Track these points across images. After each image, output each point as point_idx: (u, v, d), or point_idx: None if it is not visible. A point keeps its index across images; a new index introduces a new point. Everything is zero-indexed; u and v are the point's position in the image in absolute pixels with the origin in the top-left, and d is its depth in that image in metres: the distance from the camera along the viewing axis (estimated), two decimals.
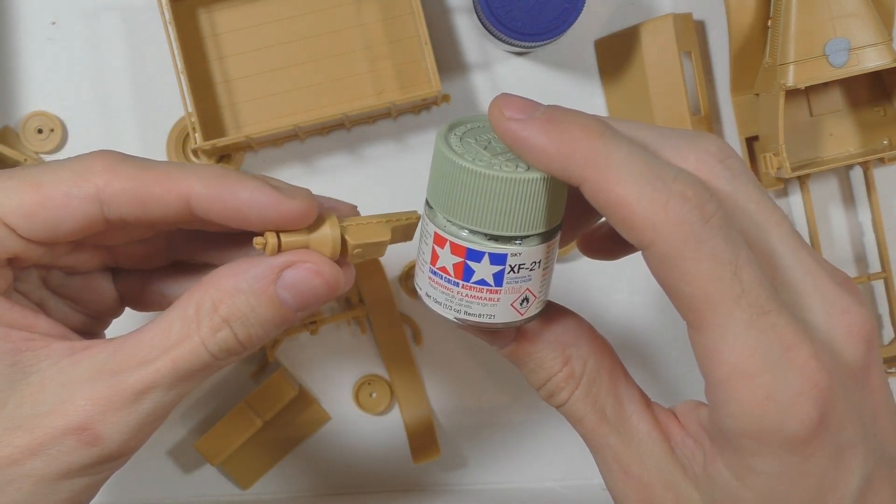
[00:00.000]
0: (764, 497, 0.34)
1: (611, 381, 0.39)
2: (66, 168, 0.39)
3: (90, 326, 0.45)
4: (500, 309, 0.37)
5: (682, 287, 0.33)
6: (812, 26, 0.55)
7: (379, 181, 0.61)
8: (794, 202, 0.62)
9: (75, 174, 0.39)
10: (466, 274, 0.37)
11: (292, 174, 0.61)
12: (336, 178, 0.61)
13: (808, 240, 0.62)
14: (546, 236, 0.37)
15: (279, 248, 0.38)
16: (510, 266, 0.36)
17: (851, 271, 0.62)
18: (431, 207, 0.37)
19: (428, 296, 0.38)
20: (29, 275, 0.41)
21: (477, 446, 0.63)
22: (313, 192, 0.41)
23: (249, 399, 0.61)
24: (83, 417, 0.37)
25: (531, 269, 0.37)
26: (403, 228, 0.40)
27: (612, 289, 0.62)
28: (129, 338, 0.39)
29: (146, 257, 0.45)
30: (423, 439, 0.62)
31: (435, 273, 0.38)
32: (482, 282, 0.37)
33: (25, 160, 0.59)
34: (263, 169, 0.61)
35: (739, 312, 0.33)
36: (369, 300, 0.61)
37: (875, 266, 0.62)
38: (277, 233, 0.38)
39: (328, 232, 0.39)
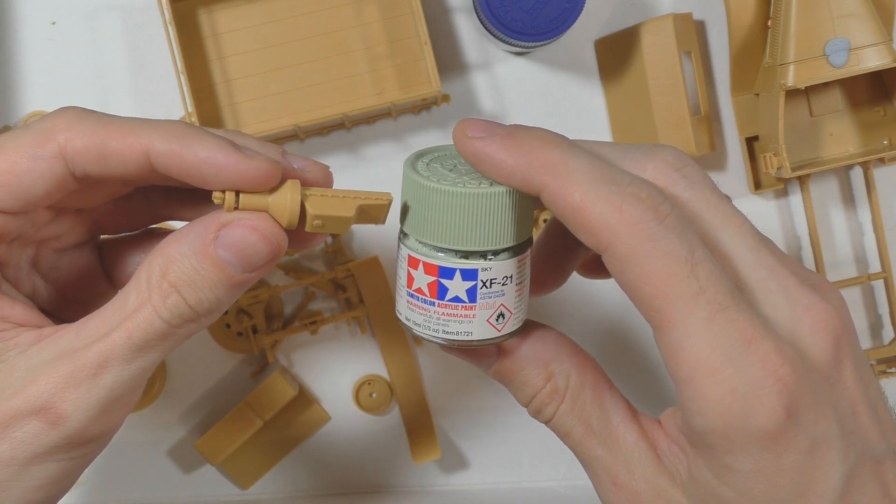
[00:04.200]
0: (744, 495, 0.34)
1: (595, 394, 0.39)
2: (29, 132, 0.38)
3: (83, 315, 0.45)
4: (476, 326, 0.38)
5: (641, 287, 0.34)
6: (812, 26, 0.55)
7: (379, 181, 0.61)
8: (794, 202, 0.62)
9: (38, 135, 0.38)
10: (441, 292, 0.38)
11: None
12: (336, 178, 0.61)
13: (808, 240, 0.62)
14: (515, 251, 0.38)
15: (236, 207, 0.38)
16: (482, 281, 0.38)
17: (851, 271, 0.62)
18: (405, 233, 0.39)
19: (408, 319, 0.40)
20: (18, 259, 0.41)
21: (477, 446, 0.63)
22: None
23: (249, 399, 0.61)
24: (44, 397, 0.37)
25: (503, 284, 0.38)
26: (373, 209, 0.39)
27: (603, 290, 0.62)
28: (93, 315, 0.38)
29: (128, 219, 0.45)
30: (423, 439, 0.62)
31: (412, 295, 0.39)
32: (456, 299, 0.38)
33: None
34: None
35: (698, 309, 0.33)
36: (369, 300, 0.61)
37: (875, 266, 0.62)
38: (237, 191, 0.38)
39: (287, 197, 0.38)
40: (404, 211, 0.39)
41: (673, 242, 0.33)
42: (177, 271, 0.37)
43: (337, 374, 0.63)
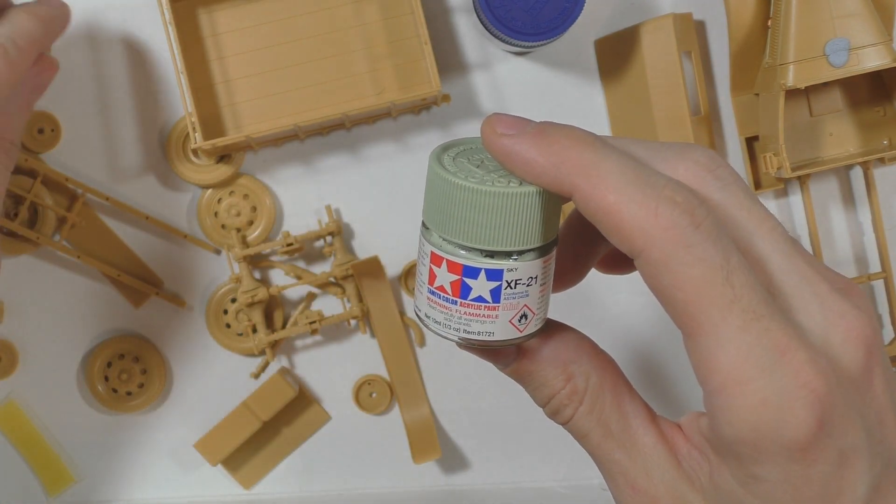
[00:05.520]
0: None
1: (614, 396, 0.39)
2: None
3: None
4: (498, 326, 0.38)
5: (675, 293, 0.33)
6: (812, 26, 0.55)
7: (379, 181, 0.61)
8: (794, 202, 0.62)
9: None
10: (464, 291, 0.37)
11: (292, 174, 0.61)
12: (336, 178, 0.61)
13: (808, 240, 0.62)
14: (542, 251, 0.37)
15: None
16: (507, 282, 0.37)
17: (851, 271, 0.62)
18: (427, 227, 0.38)
19: (427, 316, 0.39)
20: None
21: (477, 446, 0.63)
22: (313, 193, 0.41)
23: (249, 399, 0.61)
24: None
25: (528, 285, 0.37)
26: None
27: (614, 289, 0.62)
28: None
29: None
30: (423, 439, 0.62)
31: (433, 293, 0.38)
32: (480, 299, 0.37)
33: (25, 160, 0.59)
34: (264, 169, 0.61)
35: (732, 318, 0.33)
36: (369, 300, 0.61)
37: (875, 266, 0.62)
38: None
39: None
40: (428, 206, 0.38)
41: (709, 249, 0.33)
42: None
43: (337, 374, 0.63)
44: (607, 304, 0.62)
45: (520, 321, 0.38)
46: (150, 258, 0.62)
